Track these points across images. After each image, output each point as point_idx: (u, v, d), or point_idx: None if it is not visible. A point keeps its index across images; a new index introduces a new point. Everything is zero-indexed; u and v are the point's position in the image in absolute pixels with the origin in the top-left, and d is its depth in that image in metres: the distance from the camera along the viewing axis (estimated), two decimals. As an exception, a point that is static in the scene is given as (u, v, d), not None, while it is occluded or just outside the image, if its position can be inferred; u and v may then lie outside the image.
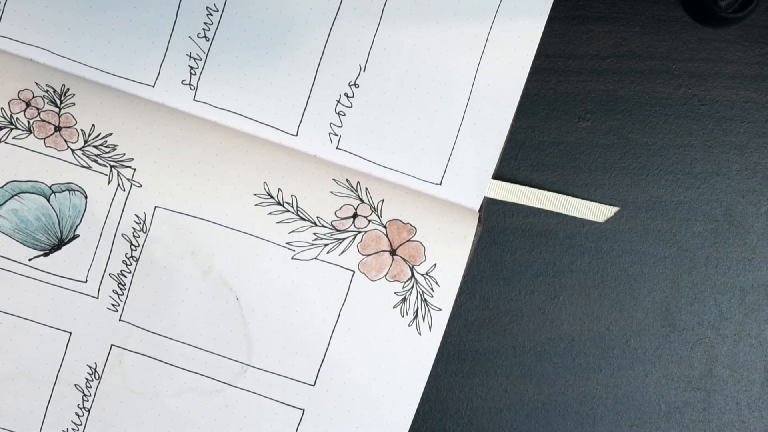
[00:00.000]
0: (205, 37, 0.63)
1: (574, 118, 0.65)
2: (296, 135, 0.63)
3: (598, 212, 0.64)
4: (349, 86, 0.63)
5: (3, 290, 0.63)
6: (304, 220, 0.62)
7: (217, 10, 0.63)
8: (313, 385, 0.63)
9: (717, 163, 0.65)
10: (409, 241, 0.62)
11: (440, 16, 0.62)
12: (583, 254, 0.65)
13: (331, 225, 0.62)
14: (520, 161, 0.64)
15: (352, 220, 0.62)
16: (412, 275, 0.62)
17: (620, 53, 0.65)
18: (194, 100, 0.63)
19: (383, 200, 0.62)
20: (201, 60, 0.63)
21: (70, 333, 0.63)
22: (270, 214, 0.62)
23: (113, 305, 0.63)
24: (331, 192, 0.62)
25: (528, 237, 0.65)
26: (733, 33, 0.65)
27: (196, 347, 0.63)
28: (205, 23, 0.63)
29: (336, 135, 0.63)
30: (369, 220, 0.62)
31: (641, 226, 0.65)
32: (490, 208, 0.65)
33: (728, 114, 0.65)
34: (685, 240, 0.65)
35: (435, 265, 0.62)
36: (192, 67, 0.63)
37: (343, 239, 0.62)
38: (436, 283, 0.63)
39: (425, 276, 0.62)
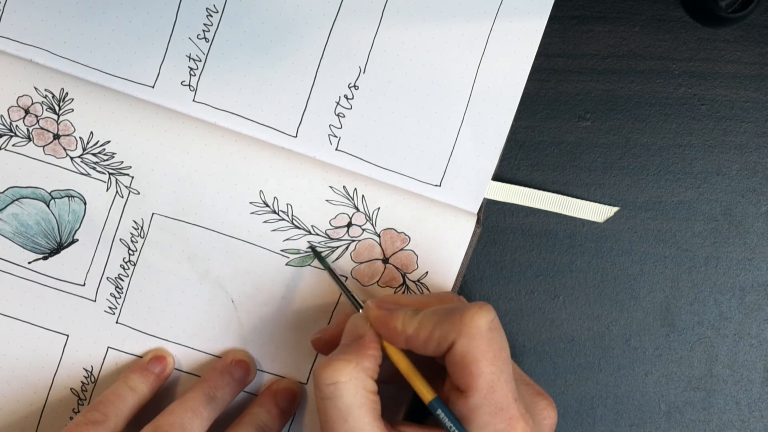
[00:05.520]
0: (205, 38, 0.63)
1: (574, 118, 0.65)
2: (296, 136, 0.63)
3: (597, 212, 0.64)
4: (349, 88, 0.63)
5: (2, 293, 0.63)
6: (299, 228, 0.62)
7: (217, 12, 0.62)
8: (306, 384, 0.64)
9: (717, 163, 0.65)
10: (402, 250, 0.62)
11: (440, 17, 0.62)
12: (583, 254, 0.65)
13: (326, 234, 0.62)
14: (520, 161, 0.64)
15: (346, 228, 0.62)
16: (404, 282, 0.63)
17: (620, 53, 0.65)
18: (194, 101, 0.63)
19: (379, 208, 0.62)
20: (200, 61, 0.63)
21: (68, 336, 0.63)
22: (265, 222, 0.62)
23: (110, 308, 0.63)
24: (327, 200, 0.62)
25: (528, 237, 0.65)
26: (733, 33, 0.65)
27: (192, 348, 0.63)
28: (204, 24, 0.63)
29: (335, 136, 0.63)
30: (363, 229, 0.62)
31: (641, 226, 0.65)
32: (490, 208, 0.65)
33: (728, 114, 0.65)
34: (685, 240, 0.65)
35: (427, 273, 0.63)
36: (191, 68, 0.63)
37: (337, 247, 0.63)
38: (427, 290, 0.63)
39: (417, 283, 0.63)
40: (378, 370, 0.54)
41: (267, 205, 0.62)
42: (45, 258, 0.63)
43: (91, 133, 0.62)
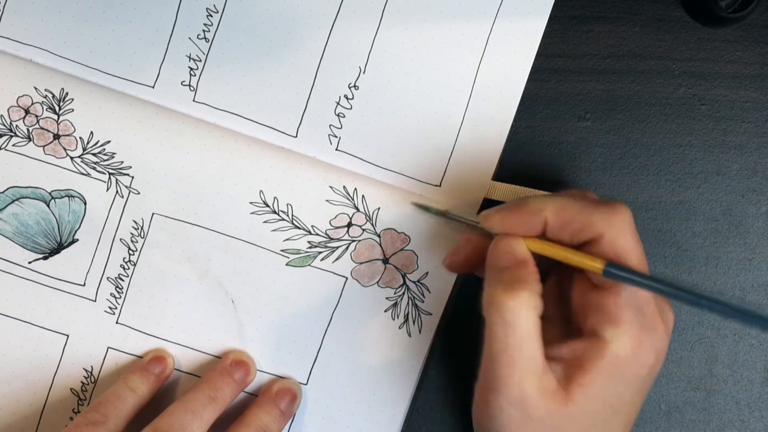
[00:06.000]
0: (205, 38, 0.63)
1: (574, 118, 0.64)
2: (296, 136, 0.63)
3: (598, 212, 0.64)
4: (349, 88, 0.63)
5: (2, 293, 0.63)
6: (299, 228, 0.62)
7: (217, 12, 0.62)
8: (306, 384, 0.63)
9: (717, 163, 0.65)
10: (402, 250, 0.63)
11: (440, 17, 0.62)
12: (582, 254, 0.65)
13: (326, 234, 0.62)
14: (520, 161, 0.64)
15: (346, 229, 0.62)
16: (404, 282, 0.63)
17: (620, 53, 0.65)
18: (194, 101, 0.63)
19: (379, 208, 0.62)
20: (201, 61, 0.63)
21: (68, 336, 0.63)
22: (265, 222, 0.62)
23: (110, 308, 0.63)
24: (327, 200, 0.62)
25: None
26: (733, 33, 0.65)
27: (192, 349, 0.63)
28: (204, 24, 0.63)
29: (335, 137, 0.63)
30: (363, 230, 0.62)
31: (641, 226, 0.65)
32: (490, 208, 0.65)
33: (728, 114, 0.65)
34: (685, 240, 0.65)
35: (427, 273, 0.63)
36: (192, 68, 0.63)
37: (337, 247, 0.63)
38: (427, 290, 0.63)
39: (417, 283, 0.63)
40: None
41: (267, 205, 0.62)
42: (45, 258, 0.63)
43: (91, 133, 0.62)
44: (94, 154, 0.62)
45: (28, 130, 0.62)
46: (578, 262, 0.52)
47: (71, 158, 0.62)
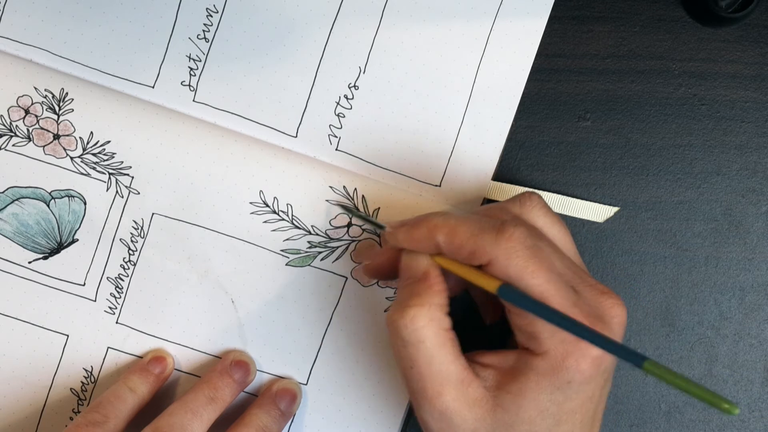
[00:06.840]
0: (205, 38, 0.63)
1: (574, 118, 0.64)
2: (296, 136, 0.63)
3: (598, 212, 0.64)
4: (349, 88, 0.63)
5: (2, 293, 0.63)
6: (299, 228, 0.62)
7: (217, 12, 0.62)
8: (306, 384, 0.63)
9: (717, 163, 0.65)
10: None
11: (440, 17, 0.62)
12: (583, 254, 0.65)
13: (326, 234, 0.62)
14: (520, 161, 0.64)
15: (346, 229, 0.62)
16: None
17: (620, 53, 0.65)
18: (194, 101, 0.63)
19: (379, 208, 0.62)
20: (201, 61, 0.63)
21: (68, 336, 0.63)
22: (265, 222, 0.62)
23: (110, 308, 0.63)
24: (327, 200, 0.62)
25: (528, 237, 0.65)
26: (733, 33, 0.65)
27: (192, 349, 0.63)
28: (204, 24, 0.63)
29: (335, 137, 0.63)
30: (363, 230, 0.62)
31: (641, 226, 0.65)
32: (490, 209, 0.65)
33: (728, 114, 0.65)
34: (685, 240, 0.65)
35: None
36: (192, 68, 0.63)
37: (337, 247, 0.63)
38: None
39: None
40: (448, 302, 0.53)
41: (267, 205, 0.62)
42: (45, 258, 0.63)
43: (91, 133, 0.62)
44: (94, 154, 0.62)
45: (28, 130, 0.62)
46: (478, 282, 0.51)
47: (71, 158, 0.62)
